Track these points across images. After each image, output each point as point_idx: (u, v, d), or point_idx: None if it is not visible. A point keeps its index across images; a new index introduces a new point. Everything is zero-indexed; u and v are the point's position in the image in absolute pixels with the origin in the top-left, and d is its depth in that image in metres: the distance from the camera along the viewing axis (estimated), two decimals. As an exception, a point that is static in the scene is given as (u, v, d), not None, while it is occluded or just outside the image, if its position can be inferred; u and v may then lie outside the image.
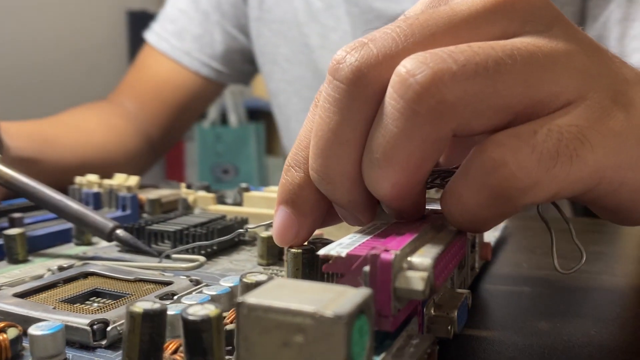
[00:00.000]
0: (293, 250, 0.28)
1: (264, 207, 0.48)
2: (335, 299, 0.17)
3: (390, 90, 0.22)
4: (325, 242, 0.29)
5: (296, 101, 0.81)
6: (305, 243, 0.28)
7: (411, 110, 0.21)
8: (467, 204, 0.22)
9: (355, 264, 0.21)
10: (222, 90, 0.89)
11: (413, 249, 0.21)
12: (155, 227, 0.40)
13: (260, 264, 0.37)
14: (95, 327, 0.25)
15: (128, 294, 0.30)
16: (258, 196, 0.49)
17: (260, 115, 2.28)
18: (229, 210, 0.47)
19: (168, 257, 0.36)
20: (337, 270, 0.21)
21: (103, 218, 0.38)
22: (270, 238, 0.37)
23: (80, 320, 0.25)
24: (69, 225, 0.43)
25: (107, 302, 0.30)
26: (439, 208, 0.25)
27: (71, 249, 0.41)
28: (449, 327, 0.24)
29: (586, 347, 0.27)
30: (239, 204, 0.54)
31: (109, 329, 0.25)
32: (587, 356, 0.27)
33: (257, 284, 0.23)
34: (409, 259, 0.20)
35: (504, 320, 0.32)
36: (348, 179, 0.24)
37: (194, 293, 0.30)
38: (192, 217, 0.43)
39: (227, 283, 0.29)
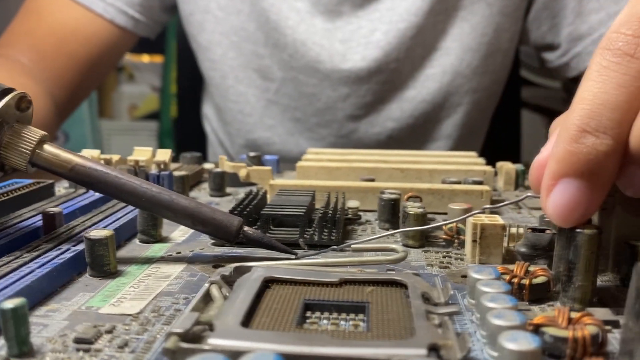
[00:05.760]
0: (587, 231, 0.23)
1: (325, 178, 0.42)
2: None
3: None
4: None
5: (234, 55, 0.72)
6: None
7: None
8: None
9: None
10: (133, 45, 0.76)
11: None
12: (269, 212, 0.32)
13: (410, 246, 0.32)
14: (431, 357, 0.19)
15: (366, 302, 0.23)
16: (315, 166, 0.42)
17: (89, 74, 2.03)
18: (292, 184, 0.39)
19: (336, 250, 0.29)
20: None
21: (225, 214, 0.29)
22: (421, 215, 0.32)
23: (409, 350, 0.19)
24: (128, 216, 0.33)
25: (347, 317, 0.23)
26: None
27: (149, 249, 0.31)
28: None
29: None
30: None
31: (460, 357, 0.19)
32: None
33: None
34: None
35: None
36: None
37: (463, 294, 0.24)
38: (281, 197, 0.35)
39: (482, 275, 0.24)
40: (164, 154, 0.38)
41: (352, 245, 0.28)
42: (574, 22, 0.67)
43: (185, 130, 1.03)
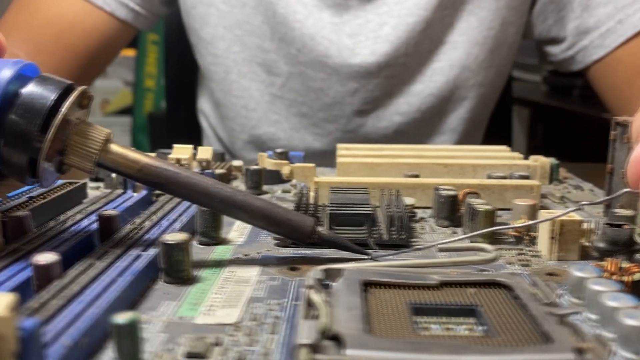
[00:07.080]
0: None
1: (367, 174, 0.41)
2: None
3: None
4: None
5: (238, 50, 0.70)
6: None
7: None
8: None
9: None
10: (130, 39, 0.73)
11: None
12: (336, 210, 0.31)
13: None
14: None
15: (475, 305, 0.22)
16: (355, 163, 0.41)
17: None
18: (339, 182, 0.38)
19: (420, 250, 0.28)
20: None
21: (297, 213, 0.28)
22: (490, 212, 0.31)
23: (556, 355, 0.18)
24: (184, 218, 0.31)
25: (458, 321, 0.22)
26: None
27: (213, 252, 0.30)
28: None
29: None
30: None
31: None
32: None
33: None
34: None
35: None
36: None
37: (570, 294, 0.24)
38: (339, 195, 0.34)
39: (585, 274, 0.24)
40: (206, 152, 0.36)
41: (438, 245, 0.27)
42: (581, 15, 0.67)
43: (175, 126, 1.01)
